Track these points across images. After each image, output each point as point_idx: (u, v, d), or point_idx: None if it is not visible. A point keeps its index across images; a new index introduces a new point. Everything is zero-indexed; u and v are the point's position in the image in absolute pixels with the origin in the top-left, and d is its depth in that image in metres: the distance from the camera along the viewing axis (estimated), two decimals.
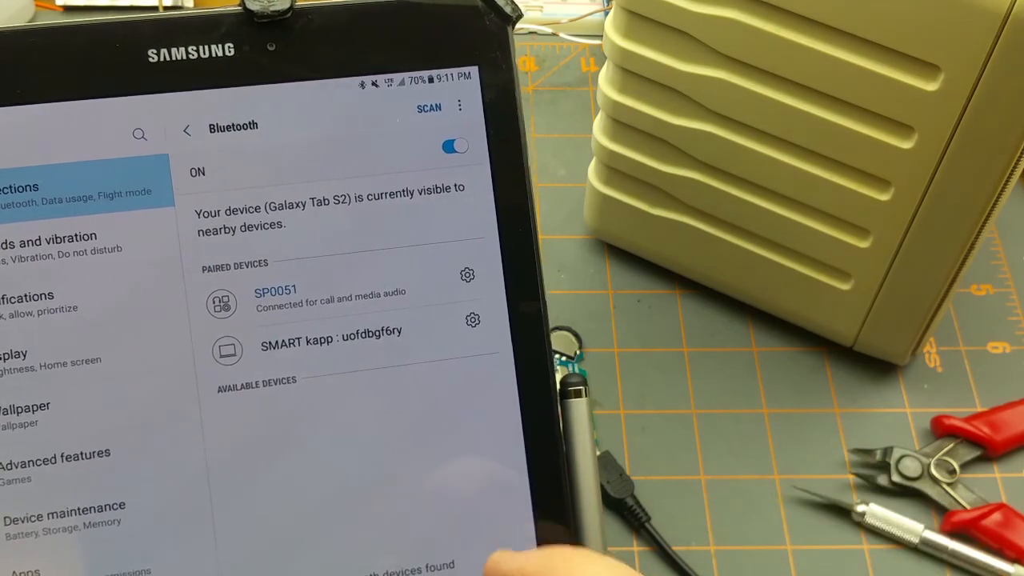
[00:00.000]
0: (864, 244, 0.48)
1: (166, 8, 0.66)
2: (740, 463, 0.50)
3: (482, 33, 0.36)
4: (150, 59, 0.34)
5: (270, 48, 0.34)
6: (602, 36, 0.50)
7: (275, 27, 0.34)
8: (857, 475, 0.50)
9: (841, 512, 0.49)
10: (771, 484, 0.50)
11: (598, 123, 0.53)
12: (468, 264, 0.36)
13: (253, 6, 0.34)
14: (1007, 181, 0.43)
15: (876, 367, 0.54)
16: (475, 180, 0.36)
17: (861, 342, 0.53)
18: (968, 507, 0.48)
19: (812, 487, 0.49)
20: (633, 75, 0.49)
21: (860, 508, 0.48)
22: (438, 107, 0.36)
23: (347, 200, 0.35)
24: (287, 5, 0.34)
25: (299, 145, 0.35)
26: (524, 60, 0.67)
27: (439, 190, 0.36)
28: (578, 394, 0.37)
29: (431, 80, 0.36)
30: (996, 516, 0.48)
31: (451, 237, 0.36)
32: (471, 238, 0.36)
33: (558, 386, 0.36)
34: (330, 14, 0.35)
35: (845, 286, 0.50)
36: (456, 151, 0.36)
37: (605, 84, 0.51)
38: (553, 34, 0.67)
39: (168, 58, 0.34)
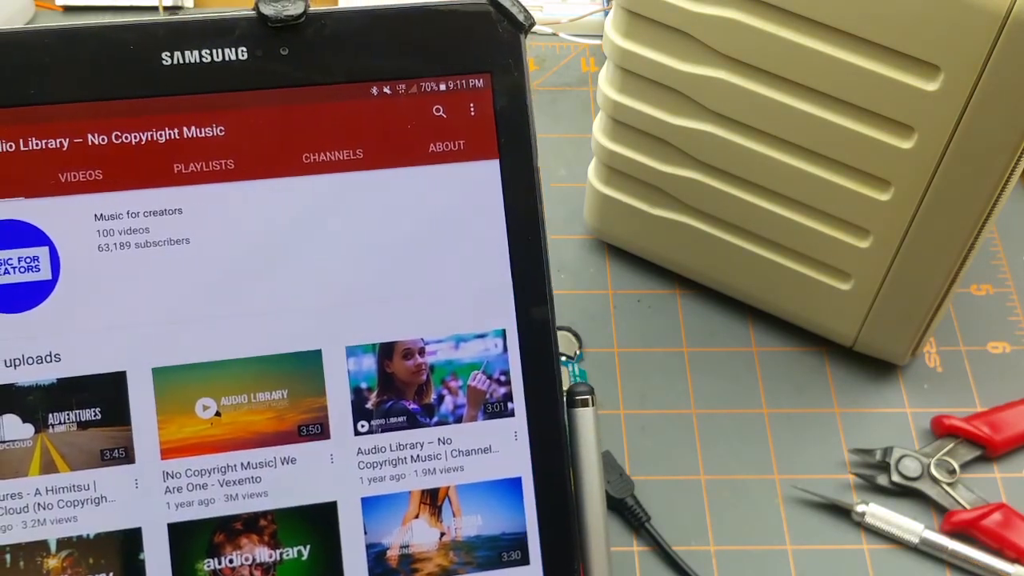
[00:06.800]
0: (864, 244, 0.48)
1: (166, 8, 0.66)
2: (740, 463, 0.50)
3: (495, 40, 0.36)
4: (164, 62, 0.34)
5: (283, 53, 0.34)
6: (602, 36, 0.50)
7: (288, 32, 0.34)
8: (857, 475, 0.50)
9: (841, 512, 0.49)
10: (771, 484, 0.50)
11: (598, 123, 0.53)
12: None
13: (267, 10, 0.34)
14: (1007, 181, 0.43)
15: (876, 367, 0.54)
16: (486, 186, 0.36)
17: (861, 342, 0.53)
18: (968, 507, 0.48)
19: (812, 487, 0.49)
20: (633, 75, 0.49)
21: (860, 508, 0.48)
22: (450, 113, 0.36)
23: None
24: (301, 10, 0.34)
25: None
26: None
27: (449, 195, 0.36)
28: (585, 403, 0.37)
29: (443, 86, 0.36)
30: (996, 516, 0.48)
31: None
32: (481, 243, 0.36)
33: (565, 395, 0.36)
34: (343, 20, 0.34)
35: (845, 286, 0.50)
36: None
37: (605, 84, 0.51)
38: (553, 34, 0.67)
39: (181, 61, 0.34)
